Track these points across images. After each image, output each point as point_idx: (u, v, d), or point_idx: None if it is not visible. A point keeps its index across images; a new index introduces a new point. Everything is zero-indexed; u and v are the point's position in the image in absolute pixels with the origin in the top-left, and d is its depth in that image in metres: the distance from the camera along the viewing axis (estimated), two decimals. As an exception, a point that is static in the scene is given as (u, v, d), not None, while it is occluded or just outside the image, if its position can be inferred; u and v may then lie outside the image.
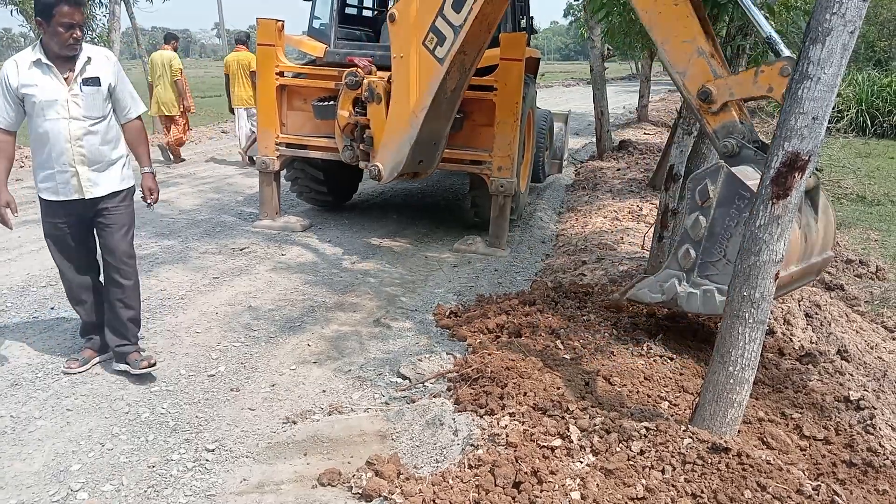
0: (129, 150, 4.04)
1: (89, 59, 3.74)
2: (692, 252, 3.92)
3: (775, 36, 3.83)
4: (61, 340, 4.53)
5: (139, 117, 4.05)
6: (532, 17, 9.25)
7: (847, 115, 18.85)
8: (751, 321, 2.88)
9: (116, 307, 4.05)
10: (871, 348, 5.43)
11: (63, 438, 3.44)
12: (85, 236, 4.06)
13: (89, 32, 13.94)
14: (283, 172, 7.75)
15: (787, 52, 3.77)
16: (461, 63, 5.68)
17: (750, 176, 3.74)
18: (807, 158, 2.66)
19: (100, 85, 3.75)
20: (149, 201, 4.14)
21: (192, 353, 4.43)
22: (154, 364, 4.09)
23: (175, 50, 11.44)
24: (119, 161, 3.96)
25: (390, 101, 6.17)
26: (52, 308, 5.05)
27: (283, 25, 7.16)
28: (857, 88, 19.86)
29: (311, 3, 7.71)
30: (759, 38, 4.79)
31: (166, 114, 11.10)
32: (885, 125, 19.16)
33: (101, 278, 4.18)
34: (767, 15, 4.86)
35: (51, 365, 4.18)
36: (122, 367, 4.09)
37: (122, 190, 3.99)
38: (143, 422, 3.63)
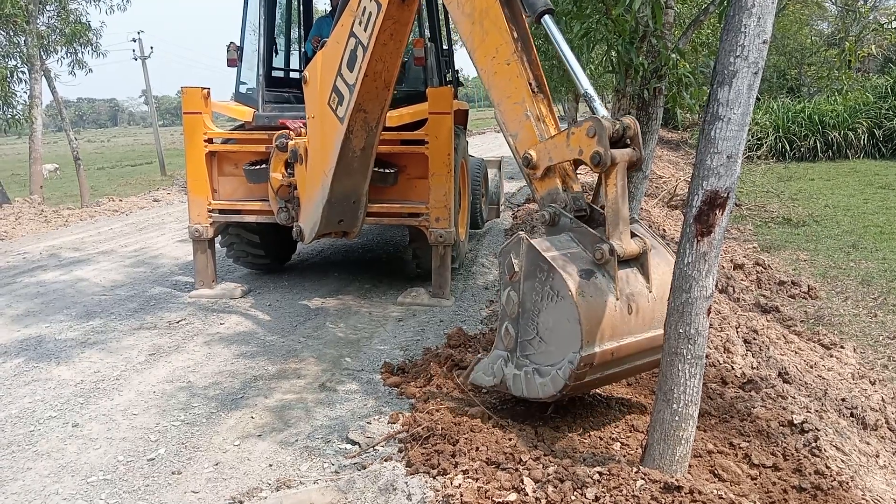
0: None
1: None
2: (511, 330, 3.74)
3: (592, 92, 3.78)
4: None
5: None
6: (458, 70, 9.46)
7: (766, 142, 19.76)
8: (689, 357, 2.92)
9: None
10: (811, 367, 5.59)
11: (-10, 545, 3.22)
12: None
13: (9, 110, 13.56)
14: (218, 239, 7.62)
15: (602, 112, 3.68)
16: (364, 121, 5.67)
17: (557, 245, 3.61)
18: (725, 195, 2.75)
19: None
20: None
21: (130, 437, 4.24)
22: None
23: None
24: None
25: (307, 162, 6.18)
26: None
27: (208, 93, 7.13)
28: (773, 116, 20.91)
29: (236, 68, 7.71)
30: (673, 78, 5.01)
31: None
32: (802, 149, 20.17)
33: None
34: (679, 58, 5.09)
35: (-25, 465, 3.93)
36: None
37: None
38: (78, 518, 3.43)
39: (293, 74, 8.87)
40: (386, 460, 3.71)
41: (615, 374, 3.77)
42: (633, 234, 3.66)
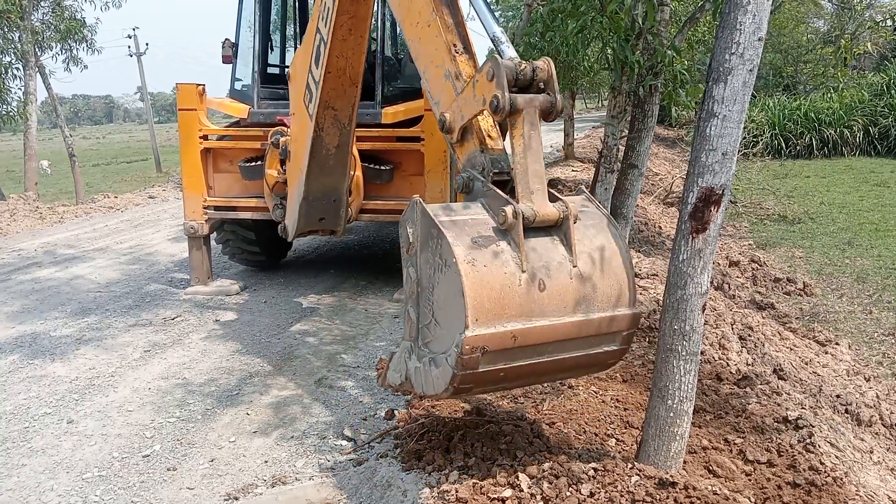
0: None
1: None
2: (412, 314, 3.11)
3: (499, 34, 3.29)
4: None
5: None
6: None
7: (762, 140, 19.76)
8: (684, 353, 2.92)
9: None
10: (806, 364, 5.59)
11: (-16, 542, 3.21)
12: None
13: (3, 106, 13.50)
14: (213, 235, 7.61)
15: (510, 53, 3.17)
16: (334, 118, 5.52)
17: (458, 210, 3.05)
18: (720, 192, 2.76)
19: None
20: None
21: (125, 434, 4.23)
22: None
23: None
24: None
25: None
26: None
27: (203, 89, 7.11)
28: (769, 113, 20.91)
29: (231, 65, 7.69)
30: (669, 75, 5.01)
31: None
32: (797, 146, 20.18)
33: None
34: (675, 55, 5.09)
35: (-30, 462, 3.92)
36: None
37: None
38: (73, 515, 3.43)
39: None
40: (381, 457, 3.71)
41: (530, 368, 2.98)
42: (554, 199, 3.06)
